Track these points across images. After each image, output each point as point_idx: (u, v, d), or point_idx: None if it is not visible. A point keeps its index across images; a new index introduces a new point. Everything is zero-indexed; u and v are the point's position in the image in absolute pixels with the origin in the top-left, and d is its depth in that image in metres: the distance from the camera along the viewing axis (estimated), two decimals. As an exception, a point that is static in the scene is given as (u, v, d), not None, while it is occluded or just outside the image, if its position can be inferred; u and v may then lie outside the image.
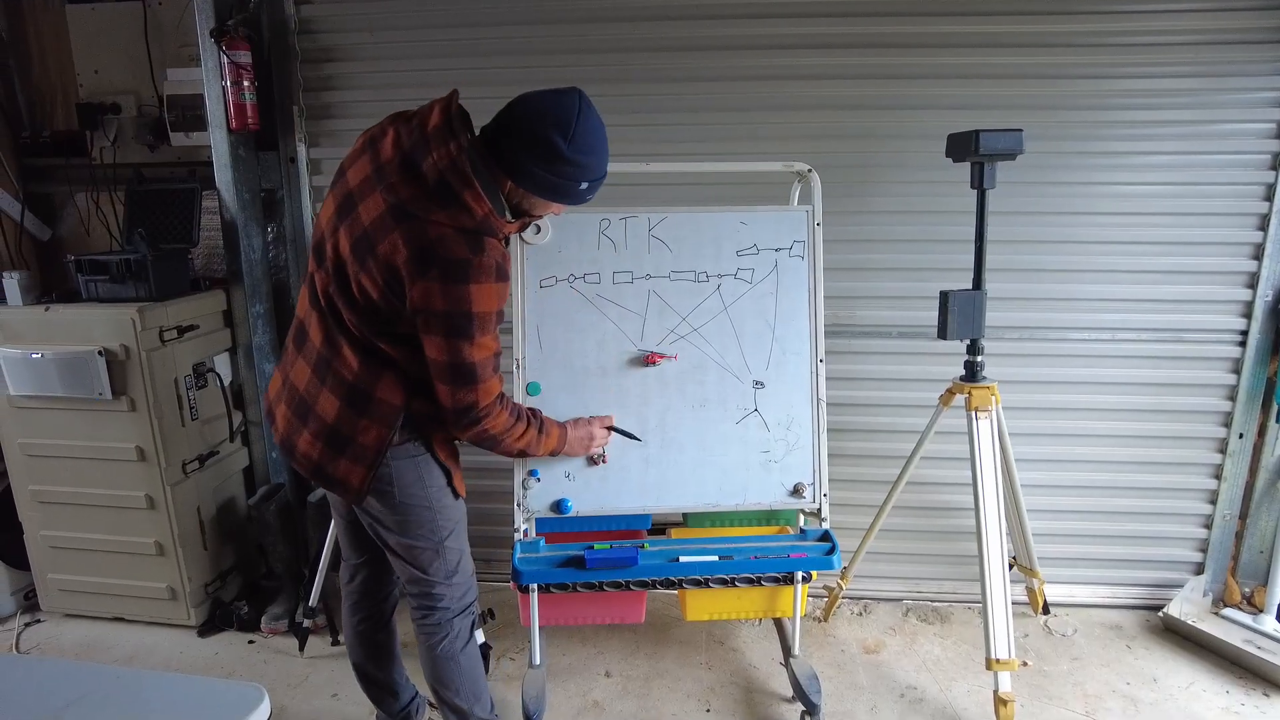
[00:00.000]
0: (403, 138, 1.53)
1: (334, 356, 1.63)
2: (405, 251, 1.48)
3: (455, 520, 1.81)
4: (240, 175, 2.68)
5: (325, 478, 1.69)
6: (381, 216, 1.51)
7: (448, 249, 1.48)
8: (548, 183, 1.54)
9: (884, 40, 2.51)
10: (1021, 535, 2.54)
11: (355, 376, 1.61)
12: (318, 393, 1.65)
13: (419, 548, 1.76)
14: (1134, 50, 2.46)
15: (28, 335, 2.48)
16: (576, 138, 1.50)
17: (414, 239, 1.48)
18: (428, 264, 1.48)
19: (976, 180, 2.18)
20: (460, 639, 1.84)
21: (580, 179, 1.56)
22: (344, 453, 1.65)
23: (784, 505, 2.23)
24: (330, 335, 1.63)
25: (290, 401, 1.71)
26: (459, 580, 1.84)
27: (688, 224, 2.20)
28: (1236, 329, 2.60)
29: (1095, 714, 2.28)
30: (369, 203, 1.53)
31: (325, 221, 1.62)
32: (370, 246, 1.52)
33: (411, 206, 1.49)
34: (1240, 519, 2.72)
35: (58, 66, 2.87)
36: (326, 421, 1.65)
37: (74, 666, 1.32)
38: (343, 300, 1.59)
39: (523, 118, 1.51)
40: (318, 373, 1.65)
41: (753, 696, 2.37)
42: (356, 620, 1.99)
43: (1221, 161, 2.50)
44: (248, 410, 2.91)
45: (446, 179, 1.48)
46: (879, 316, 2.69)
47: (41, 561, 2.74)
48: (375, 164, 1.54)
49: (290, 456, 1.73)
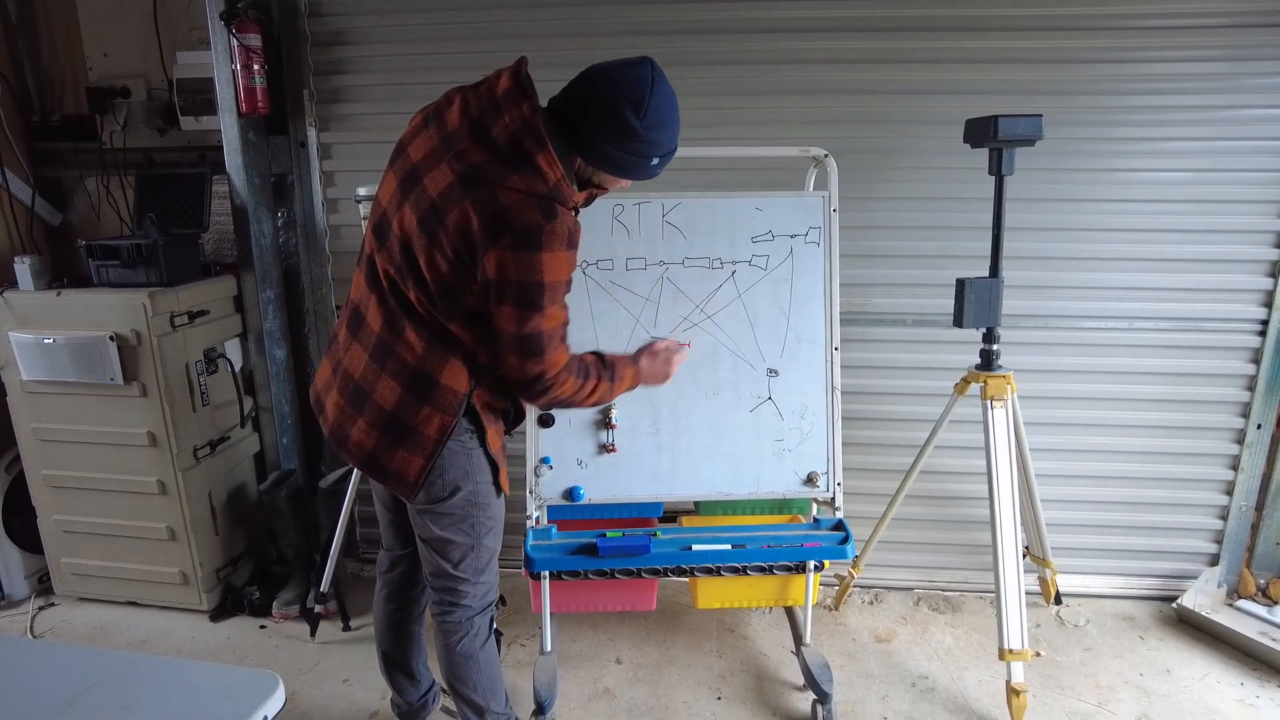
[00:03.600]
0: (470, 105, 1.48)
1: (396, 340, 1.57)
2: (477, 220, 1.43)
3: (495, 519, 1.77)
4: (250, 160, 2.67)
5: (379, 469, 1.63)
6: (450, 186, 1.46)
7: (520, 215, 1.43)
8: (618, 159, 1.50)
9: (901, 24, 2.47)
10: (1035, 525, 2.52)
11: (419, 360, 1.57)
12: (376, 379, 1.60)
13: (455, 542, 1.72)
14: (1153, 34, 2.42)
15: (39, 320, 2.48)
16: (649, 113, 1.45)
17: (486, 206, 1.43)
18: (501, 231, 1.43)
19: (995, 166, 2.15)
20: (480, 637, 1.82)
21: (651, 155, 1.51)
22: (402, 442, 1.60)
23: (797, 494, 2.22)
24: (392, 318, 1.58)
25: (344, 389, 1.65)
26: (486, 579, 1.81)
27: (702, 210, 2.18)
28: (1257, 318, 2.56)
29: (1108, 705, 2.27)
30: (435, 174, 1.48)
31: (387, 200, 1.57)
32: (439, 218, 1.47)
33: (482, 173, 1.44)
34: (1256, 510, 2.70)
35: (67, 50, 2.86)
36: (385, 409, 1.59)
37: (89, 652, 1.32)
38: (411, 280, 1.54)
39: (594, 92, 1.46)
40: (376, 358, 1.60)
41: (764, 684, 2.36)
42: (391, 610, 1.97)
43: (1242, 148, 2.46)
44: (259, 396, 2.91)
45: (520, 140, 1.43)
46: (894, 304, 2.67)
47: (55, 546, 2.76)
48: (441, 134, 1.49)
49: (341, 447, 1.67)
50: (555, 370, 1.57)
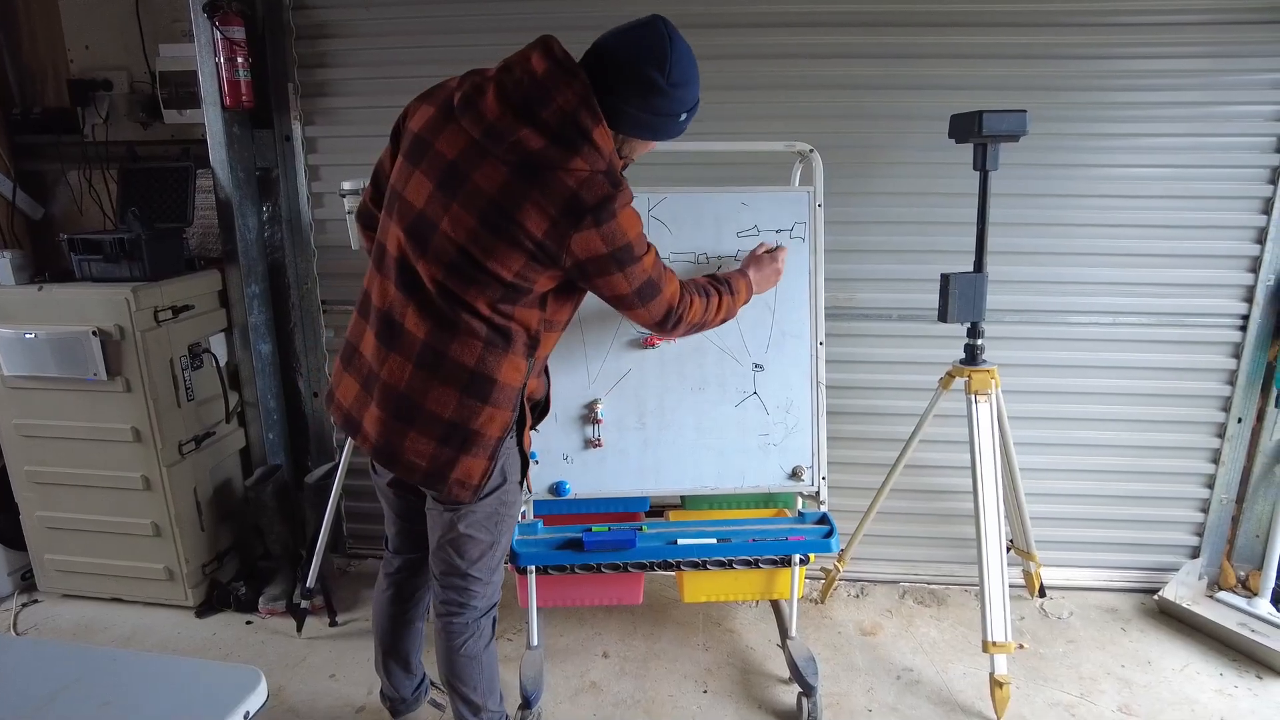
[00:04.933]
0: (509, 90, 1.42)
1: (448, 344, 1.51)
2: (553, 208, 1.41)
3: (515, 517, 1.78)
4: (235, 153, 2.65)
5: (441, 480, 1.58)
6: (509, 180, 1.42)
7: (593, 192, 1.42)
8: (649, 121, 1.49)
9: (887, 19, 2.48)
10: (1019, 518, 2.54)
11: (478, 360, 1.52)
12: (427, 387, 1.53)
13: (477, 539, 1.69)
14: (1137, 30, 2.43)
15: (21, 315, 2.46)
16: (673, 68, 1.44)
17: (558, 193, 1.41)
18: (580, 214, 1.42)
19: (979, 162, 2.16)
20: (484, 638, 1.81)
21: (679, 110, 1.51)
22: (466, 448, 1.56)
23: (782, 488, 2.23)
24: (443, 322, 1.51)
25: (386, 403, 1.56)
26: (495, 580, 1.79)
27: (687, 204, 2.18)
28: (1238, 313, 2.59)
29: (1090, 696, 2.29)
30: (486, 169, 1.43)
31: (422, 201, 1.48)
32: (507, 214, 1.42)
33: (542, 159, 1.41)
34: (1237, 503, 2.73)
35: (48, 42, 2.83)
36: (443, 417, 1.54)
37: (71, 648, 1.32)
38: (472, 281, 1.48)
39: (615, 61, 1.44)
40: (425, 365, 1.52)
41: (750, 677, 2.38)
42: (395, 610, 1.95)
43: (1226, 144, 2.48)
44: (244, 391, 2.89)
45: (577, 118, 1.40)
46: (879, 299, 2.68)
47: (38, 542, 2.74)
48: (481, 126, 1.42)
49: (395, 463, 1.59)
50: (677, 299, 1.66)
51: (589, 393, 2.17)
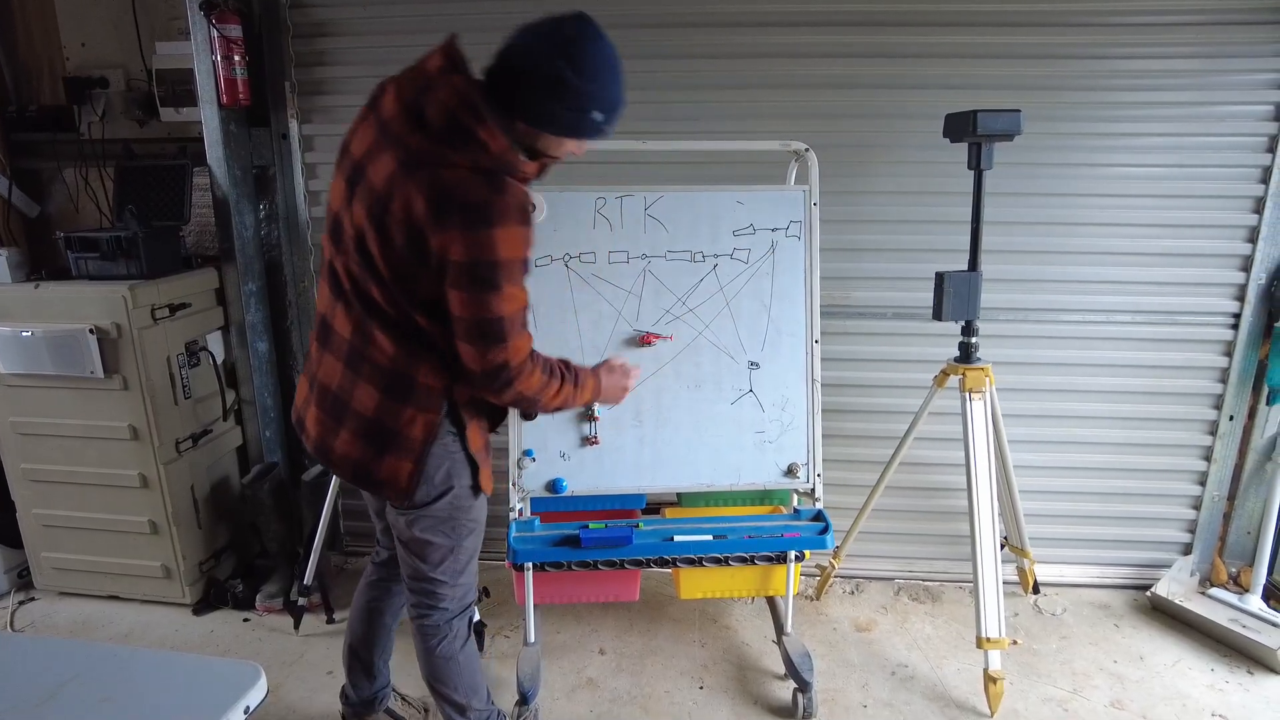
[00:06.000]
0: (404, 89, 1.44)
1: (367, 344, 1.53)
2: (422, 201, 1.38)
3: (477, 520, 1.73)
4: (232, 152, 2.65)
5: (369, 479, 1.59)
6: (393, 174, 1.42)
7: (465, 193, 1.38)
8: (559, 116, 1.45)
9: (882, 18, 2.49)
10: (1013, 515, 2.56)
11: (392, 361, 1.52)
12: (353, 386, 1.55)
13: (435, 544, 1.68)
14: (1131, 30, 2.45)
15: (17, 313, 2.46)
16: (583, 62, 1.40)
17: (430, 187, 1.38)
18: (447, 211, 1.38)
19: (974, 161, 2.17)
20: (459, 638, 1.79)
21: (591, 108, 1.45)
22: (388, 448, 1.56)
23: (778, 485, 2.24)
24: (360, 322, 1.53)
25: (322, 402, 1.61)
26: (464, 581, 1.77)
27: (684, 203, 2.19)
28: (1230, 312, 2.61)
29: (1083, 691, 2.31)
30: (378, 164, 1.44)
31: (337, 200, 1.54)
32: (385, 207, 1.42)
33: (423, 155, 1.40)
34: (1229, 500, 2.75)
35: (44, 39, 2.82)
36: (366, 416, 1.55)
37: (69, 644, 1.32)
38: (370, 277, 1.49)
39: (524, 50, 1.42)
40: (350, 365, 1.55)
41: (745, 674, 2.39)
42: (370, 597, 1.96)
43: (1218, 144, 2.50)
44: (241, 389, 2.89)
45: (457, 116, 1.38)
46: (874, 297, 2.69)
47: (34, 540, 2.74)
48: (379, 125, 1.46)
49: (327, 461, 1.63)
50: (519, 359, 1.50)
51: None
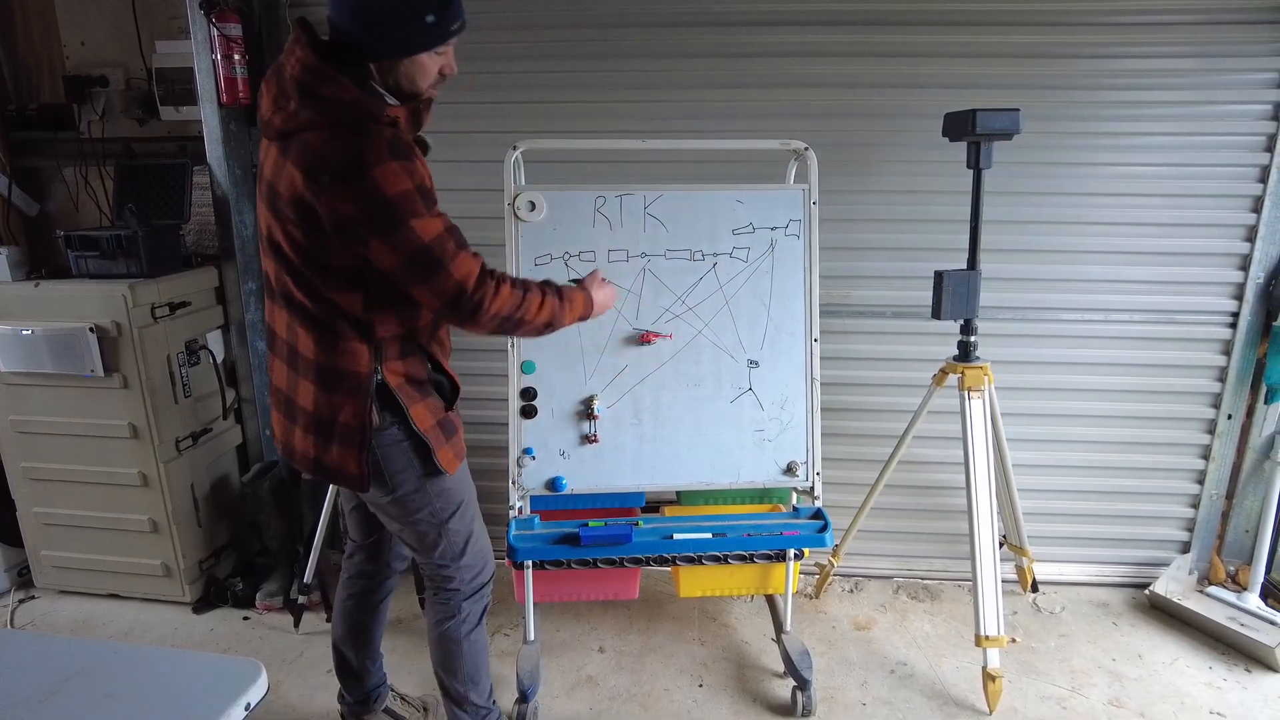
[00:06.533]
0: (269, 83, 1.48)
1: (296, 341, 1.57)
2: (298, 173, 1.40)
3: (456, 501, 1.72)
4: (232, 150, 2.66)
5: (325, 470, 1.62)
6: (275, 161, 1.46)
7: (330, 150, 1.38)
8: (394, 38, 1.43)
9: (881, 18, 2.49)
10: (1012, 514, 2.56)
11: (315, 353, 1.55)
12: (296, 384, 1.60)
13: (421, 532, 1.71)
14: (1130, 29, 2.45)
15: (17, 311, 2.46)
16: None
17: (300, 157, 1.40)
18: (319, 173, 1.38)
19: (973, 160, 2.17)
20: (468, 623, 1.80)
21: (418, 13, 1.42)
22: (331, 438, 1.58)
23: (777, 484, 2.25)
24: (289, 321, 1.57)
25: (279, 404, 1.67)
26: (469, 562, 1.78)
27: (684, 202, 2.19)
28: (1228, 310, 2.61)
29: (1081, 689, 2.32)
30: (267, 161, 1.50)
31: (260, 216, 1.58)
32: (276, 193, 1.46)
33: (287, 129, 1.42)
34: (1227, 499, 2.75)
35: (43, 38, 2.82)
36: (309, 410, 1.59)
37: (70, 642, 1.33)
38: (286, 270, 1.52)
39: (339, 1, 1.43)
40: (291, 364, 1.60)
41: (745, 671, 2.39)
42: (345, 596, 1.98)
43: (1217, 143, 2.50)
44: (240, 387, 2.90)
45: (304, 82, 1.40)
46: (873, 296, 2.69)
47: (35, 538, 2.74)
48: (263, 124, 1.50)
49: (292, 459, 1.68)
50: (471, 279, 1.46)
51: (585, 389, 2.18)
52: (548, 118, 2.60)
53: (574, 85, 2.60)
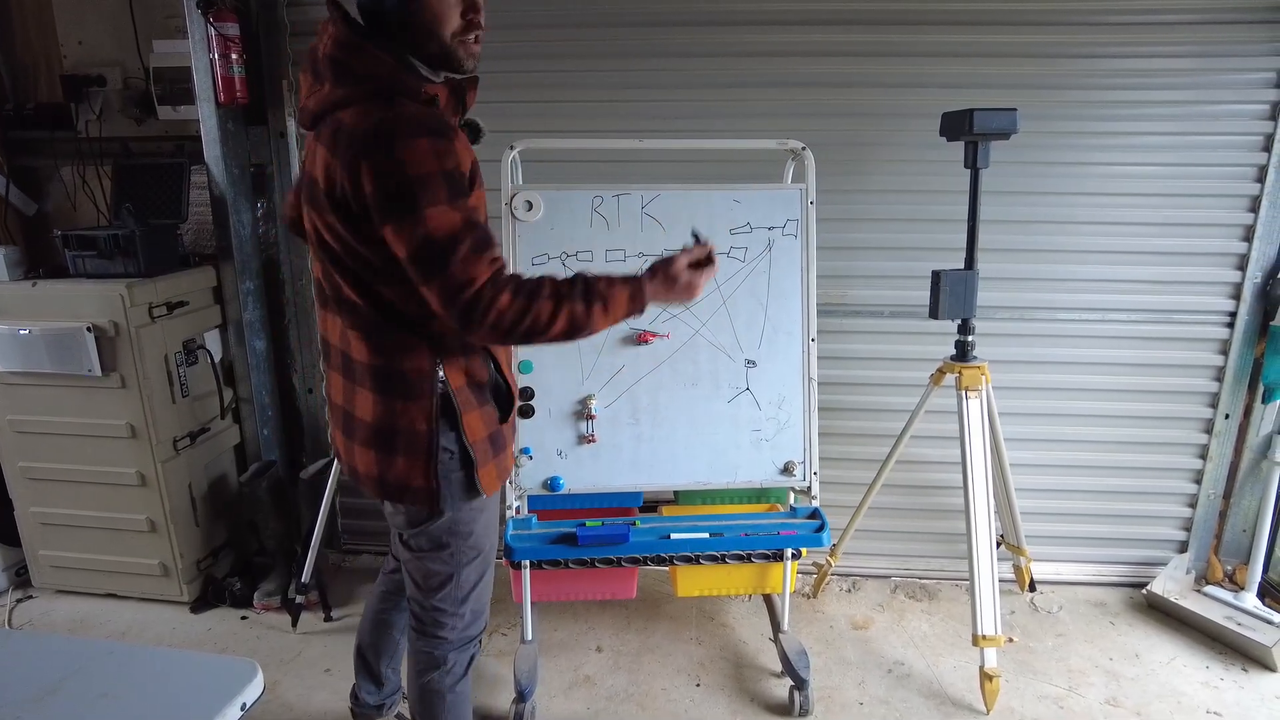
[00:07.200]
0: (306, 68, 1.43)
1: (349, 347, 1.46)
2: (326, 153, 1.33)
3: (478, 549, 1.60)
4: (229, 150, 2.65)
5: (391, 489, 1.48)
6: (311, 150, 1.41)
7: (357, 123, 1.30)
8: None
9: (879, 17, 2.49)
10: (1009, 513, 2.56)
11: (370, 355, 1.43)
12: (353, 395, 1.48)
13: (432, 571, 1.58)
14: (1128, 29, 2.45)
15: (15, 311, 2.46)
16: None
17: (331, 139, 1.33)
18: (345, 148, 1.30)
19: (970, 159, 2.18)
20: (454, 675, 1.67)
21: None
22: (395, 449, 1.45)
23: (774, 483, 2.25)
24: (342, 328, 1.47)
25: (337, 421, 1.55)
26: (469, 609, 1.64)
27: (681, 202, 2.19)
28: (1225, 310, 2.62)
29: (1078, 689, 2.32)
30: (311, 157, 1.43)
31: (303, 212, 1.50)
32: (315, 183, 1.39)
33: (321, 111, 1.37)
34: (1224, 498, 2.76)
35: (40, 37, 2.82)
36: (368, 422, 1.46)
37: (68, 641, 1.33)
38: (334, 268, 1.43)
39: None
40: (346, 374, 1.49)
41: (742, 671, 2.40)
42: (381, 608, 1.91)
43: (1214, 143, 2.50)
44: (239, 387, 2.89)
45: (336, 58, 1.35)
46: (871, 295, 2.69)
47: (32, 538, 2.74)
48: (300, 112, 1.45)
49: (358, 481, 1.54)
50: (474, 285, 1.28)
51: (583, 388, 2.18)
52: (545, 117, 2.60)
53: (571, 85, 2.60)
